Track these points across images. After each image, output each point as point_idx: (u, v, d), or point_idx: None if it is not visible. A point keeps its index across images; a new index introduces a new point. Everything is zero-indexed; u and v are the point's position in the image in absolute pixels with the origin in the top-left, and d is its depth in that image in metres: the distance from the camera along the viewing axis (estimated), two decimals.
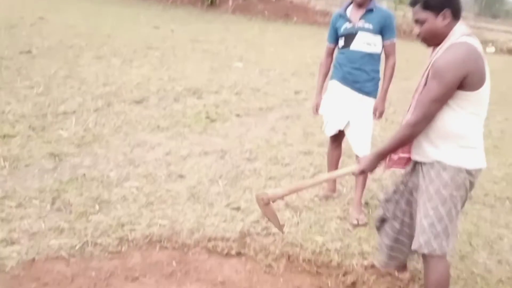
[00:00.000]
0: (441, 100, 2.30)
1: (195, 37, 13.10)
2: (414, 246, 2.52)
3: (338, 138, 3.98)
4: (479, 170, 2.44)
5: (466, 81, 2.24)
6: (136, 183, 4.04)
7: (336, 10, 3.95)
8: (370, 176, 4.12)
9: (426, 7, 2.37)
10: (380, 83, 3.73)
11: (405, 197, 2.69)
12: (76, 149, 4.62)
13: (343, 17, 3.69)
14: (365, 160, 2.60)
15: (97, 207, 3.57)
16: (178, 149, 4.94)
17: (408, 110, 2.51)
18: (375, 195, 4.28)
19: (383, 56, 3.72)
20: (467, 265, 3.28)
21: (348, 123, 3.75)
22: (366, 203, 4.05)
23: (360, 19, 3.60)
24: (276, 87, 8.33)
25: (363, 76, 3.65)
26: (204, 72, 8.87)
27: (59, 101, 6.04)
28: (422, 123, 2.36)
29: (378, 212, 2.87)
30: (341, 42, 3.73)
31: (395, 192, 2.73)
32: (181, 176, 4.29)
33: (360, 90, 3.66)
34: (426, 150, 2.44)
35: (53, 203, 3.57)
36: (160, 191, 3.94)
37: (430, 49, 2.51)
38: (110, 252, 3.04)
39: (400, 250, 2.84)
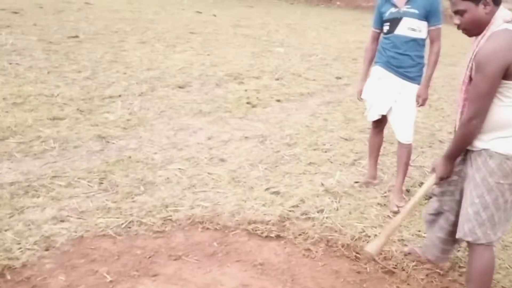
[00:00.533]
0: (489, 93, 2.26)
1: (237, 22, 13.15)
2: (458, 234, 2.50)
3: (380, 124, 3.95)
4: None
5: (509, 71, 2.19)
6: (179, 166, 4.14)
7: None
8: (411, 164, 4.09)
9: None
10: (425, 69, 3.66)
11: (459, 187, 2.65)
12: (122, 132, 4.76)
13: (388, 1, 3.64)
14: (439, 167, 2.56)
15: (142, 188, 3.69)
16: (220, 134, 5.01)
17: (456, 102, 2.47)
18: (416, 182, 4.23)
19: (428, 42, 3.65)
20: (509, 254, 3.23)
21: (391, 108, 3.71)
22: (407, 190, 4.02)
23: (405, 4, 3.54)
24: (318, 72, 8.29)
25: (407, 61, 3.60)
26: (245, 57, 8.92)
27: (105, 85, 6.22)
28: (477, 118, 2.32)
29: (433, 205, 2.81)
30: (386, 27, 3.68)
31: (449, 184, 2.69)
32: (222, 160, 4.37)
33: (404, 76, 3.62)
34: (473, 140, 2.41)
35: (100, 184, 3.72)
36: (202, 174, 4.03)
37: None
38: (155, 231, 3.15)
39: (453, 243, 2.81)
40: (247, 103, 6.15)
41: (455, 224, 2.70)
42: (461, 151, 2.50)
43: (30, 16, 10.46)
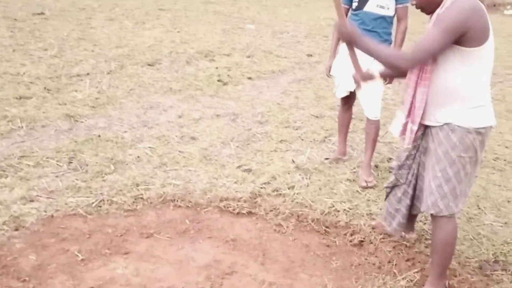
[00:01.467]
0: (433, 48, 2.26)
1: None
2: (422, 208, 2.58)
3: (348, 100, 4.00)
4: (489, 128, 2.44)
5: (469, 35, 2.23)
6: (150, 145, 4.12)
7: None
8: (379, 140, 4.16)
9: None
10: (392, 47, 3.71)
11: (416, 161, 2.72)
12: (91, 111, 4.70)
13: None
14: (347, 28, 2.47)
15: (112, 167, 3.67)
16: (190, 112, 5.00)
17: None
18: (384, 157, 4.32)
19: (396, 21, 3.69)
20: (473, 226, 3.35)
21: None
22: (376, 166, 4.10)
23: None
24: (289, 50, 8.29)
25: (375, 38, 3.63)
26: (216, 34, 8.84)
27: (72, 63, 6.10)
28: (408, 62, 2.32)
29: (390, 179, 2.90)
30: (355, 4, 3.70)
31: (407, 158, 2.75)
32: (193, 138, 4.36)
33: None
34: (434, 113, 2.46)
35: (69, 163, 3.68)
36: (173, 153, 4.02)
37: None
38: (126, 210, 3.15)
39: (410, 217, 2.90)
40: (218, 80, 6.13)
41: (412, 198, 2.79)
42: (367, 53, 2.42)
43: None
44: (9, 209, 3.00)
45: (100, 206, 3.16)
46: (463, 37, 2.24)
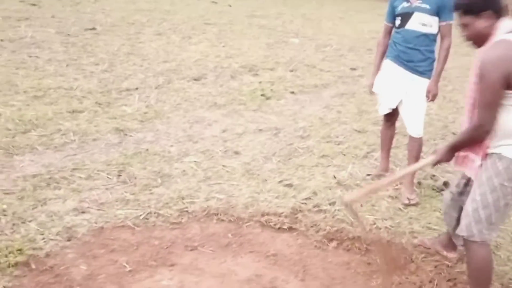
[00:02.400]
0: (493, 102, 2.32)
1: (252, 12, 13.18)
2: (457, 229, 2.58)
3: (391, 117, 4.00)
4: None
5: (510, 79, 2.26)
6: (195, 159, 4.25)
7: None
8: (423, 156, 4.13)
9: (467, 12, 2.42)
10: (435, 64, 3.70)
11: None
12: (139, 125, 4.89)
13: None
14: (440, 152, 2.64)
15: (159, 180, 3.81)
16: (234, 126, 5.11)
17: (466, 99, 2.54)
18: (427, 174, 4.28)
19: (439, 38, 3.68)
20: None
21: (402, 102, 3.77)
22: (419, 183, 4.08)
23: None
24: (332, 64, 8.32)
25: (417, 55, 3.65)
26: (260, 48, 8.97)
27: (122, 78, 6.35)
28: (484, 126, 2.38)
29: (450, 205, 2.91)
30: (398, 21, 3.72)
31: (466, 185, 2.76)
32: (236, 153, 4.47)
33: (414, 70, 3.66)
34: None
35: (119, 176, 3.85)
36: (217, 167, 4.13)
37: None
38: (172, 222, 3.27)
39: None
40: (262, 95, 6.23)
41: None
42: (464, 146, 2.57)
43: (48, 8, 10.62)
44: (62, 220, 3.18)
45: (147, 219, 3.29)
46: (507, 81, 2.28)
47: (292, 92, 6.50)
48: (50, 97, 5.40)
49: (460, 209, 2.77)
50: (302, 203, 3.63)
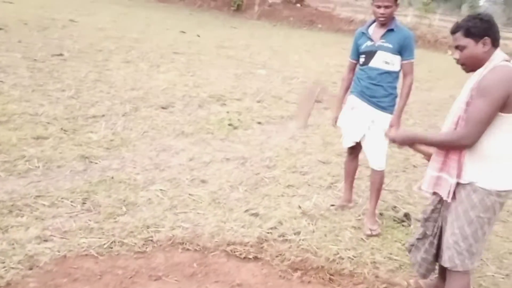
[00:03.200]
0: (489, 118, 2.42)
1: (221, 43, 13.35)
2: (440, 260, 2.71)
3: (355, 150, 4.13)
4: (510, 191, 2.55)
5: (507, 102, 2.39)
6: (161, 187, 4.25)
7: (360, 18, 4.08)
8: (385, 187, 4.26)
9: (467, 34, 2.52)
10: (397, 100, 3.86)
11: (442, 215, 2.82)
12: (105, 152, 4.86)
13: (365, 35, 3.85)
14: (401, 134, 2.74)
15: (124, 208, 3.79)
16: (201, 155, 5.14)
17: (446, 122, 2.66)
18: (389, 205, 4.41)
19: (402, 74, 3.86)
20: (475, 278, 3.40)
21: (364, 136, 3.89)
22: (380, 214, 4.19)
23: (380, 38, 3.75)
24: (298, 96, 8.48)
25: (380, 91, 3.80)
26: (228, 78, 9.09)
27: (89, 105, 6.31)
28: (468, 139, 2.46)
29: (418, 231, 3.00)
30: (362, 59, 3.89)
31: (432, 211, 2.87)
32: (203, 181, 4.49)
33: (377, 105, 3.81)
34: (464, 168, 2.55)
35: (83, 204, 3.81)
36: (183, 195, 4.15)
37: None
38: (136, 252, 3.25)
39: (436, 263, 3.00)
40: (229, 124, 6.30)
41: (438, 247, 2.88)
42: (430, 145, 2.66)
43: (15, 33, 10.50)
44: (24, 248, 3.11)
45: (112, 247, 3.26)
46: (503, 104, 2.40)
47: (259, 123, 6.60)
48: (14, 122, 5.32)
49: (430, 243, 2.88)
50: (268, 233, 3.67)
